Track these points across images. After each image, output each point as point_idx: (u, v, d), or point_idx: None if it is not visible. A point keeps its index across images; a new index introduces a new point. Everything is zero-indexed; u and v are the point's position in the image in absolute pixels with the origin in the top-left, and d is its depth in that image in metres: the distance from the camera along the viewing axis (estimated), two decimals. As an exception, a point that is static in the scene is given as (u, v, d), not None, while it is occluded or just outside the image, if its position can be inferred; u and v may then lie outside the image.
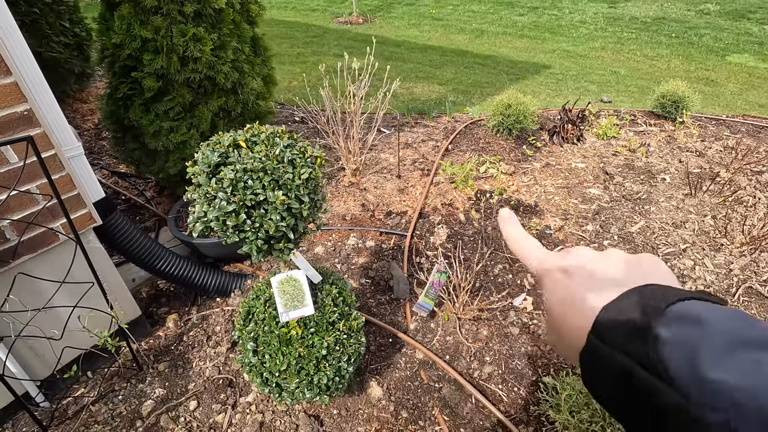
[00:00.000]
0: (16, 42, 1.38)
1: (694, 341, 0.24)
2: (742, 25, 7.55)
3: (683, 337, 0.25)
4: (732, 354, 0.23)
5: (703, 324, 0.25)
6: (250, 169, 1.03)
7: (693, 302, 0.27)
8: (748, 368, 0.22)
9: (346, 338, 1.47)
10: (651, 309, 0.27)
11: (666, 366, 0.25)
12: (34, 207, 1.51)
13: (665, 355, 0.25)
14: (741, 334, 0.24)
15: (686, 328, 0.25)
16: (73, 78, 3.97)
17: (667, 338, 0.25)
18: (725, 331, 0.24)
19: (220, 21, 2.28)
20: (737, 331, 0.24)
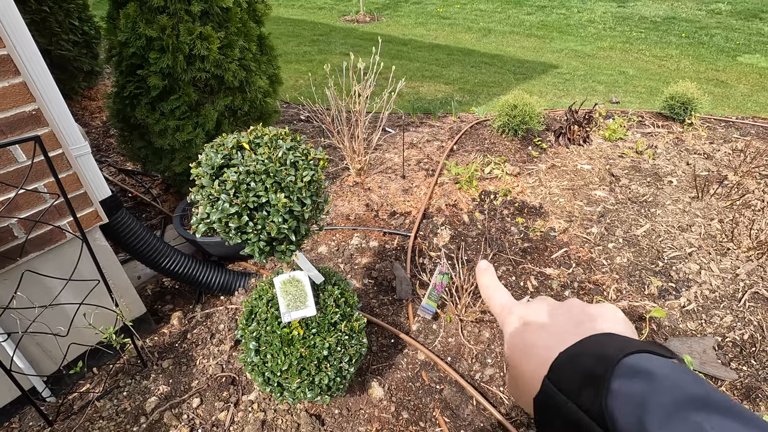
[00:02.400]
0: (25, 43, 1.40)
1: (643, 397, 0.25)
2: (754, 25, 7.45)
3: (633, 392, 0.25)
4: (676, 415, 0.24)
5: (652, 380, 0.25)
6: (252, 172, 1.04)
7: (645, 356, 0.28)
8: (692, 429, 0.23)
9: (347, 339, 1.47)
10: (605, 359, 0.28)
11: (614, 419, 0.25)
12: (42, 205, 1.53)
13: (615, 408, 0.25)
14: (687, 392, 0.25)
15: (636, 382, 0.26)
16: (82, 76, 4.00)
17: (618, 391, 0.26)
18: (672, 390, 0.25)
19: (227, 20, 2.29)
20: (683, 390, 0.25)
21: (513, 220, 2.74)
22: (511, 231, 2.66)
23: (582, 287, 2.28)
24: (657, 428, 0.23)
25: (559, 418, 0.29)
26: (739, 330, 2.04)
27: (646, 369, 0.26)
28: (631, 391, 0.25)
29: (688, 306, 2.16)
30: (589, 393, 0.27)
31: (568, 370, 0.30)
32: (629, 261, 2.44)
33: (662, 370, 0.26)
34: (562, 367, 0.30)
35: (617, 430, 0.25)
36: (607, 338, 0.31)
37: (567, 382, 0.29)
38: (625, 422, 0.25)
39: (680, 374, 0.26)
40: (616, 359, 0.27)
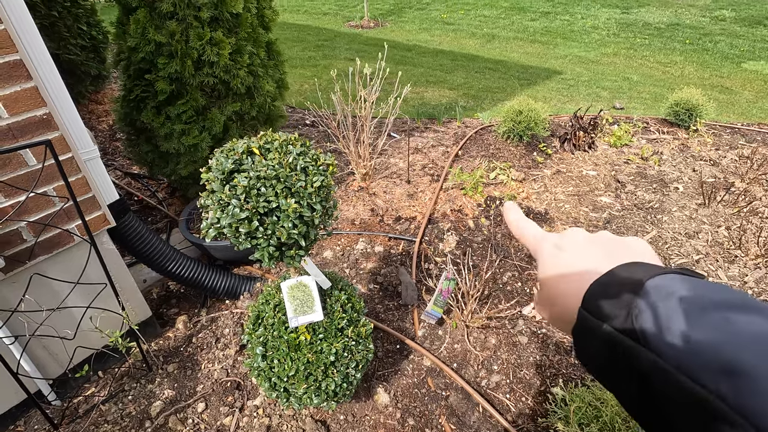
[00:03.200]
0: (37, 48, 1.41)
1: (669, 308, 0.27)
2: (758, 31, 7.45)
3: (659, 305, 0.28)
4: (701, 315, 0.26)
5: (678, 292, 0.28)
6: (263, 177, 1.04)
7: (671, 275, 0.30)
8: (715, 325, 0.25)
9: (354, 344, 1.47)
10: (634, 283, 0.30)
11: (644, 331, 0.27)
12: (51, 209, 1.54)
13: (643, 322, 0.28)
14: (711, 297, 0.26)
15: (663, 297, 0.28)
16: (89, 80, 4.04)
17: (645, 308, 0.28)
18: (697, 297, 0.27)
19: (236, 26, 2.30)
20: (708, 296, 0.27)
21: (518, 226, 2.73)
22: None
23: (588, 294, 2.27)
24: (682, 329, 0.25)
25: (594, 340, 0.31)
26: (748, 338, 2.02)
27: (672, 286, 0.28)
28: (657, 305, 0.28)
29: (695, 313, 2.15)
30: (622, 314, 0.29)
31: (600, 297, 0.32)
32: (636, 268, 2.42)
33: (689, 284, 0.28)
34: (595, 295, 0.32)
35: (646, 340, 0.27)
36: (636, 265, 0.33)
37: (600, 309, 0.31)
38: (652, 330, 0.27)
39: (706, 286, 0.28)
40: (643, 281, 0.29)
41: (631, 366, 0.28)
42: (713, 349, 0.24)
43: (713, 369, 0.23)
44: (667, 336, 0.26)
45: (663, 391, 0.26)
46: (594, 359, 0.32)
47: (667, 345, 0.26)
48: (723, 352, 0.23)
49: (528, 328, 2.08)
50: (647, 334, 0.27)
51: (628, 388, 0.29)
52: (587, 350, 0.32)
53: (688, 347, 0.25)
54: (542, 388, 1.83)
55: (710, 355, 0.24)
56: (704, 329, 0.25)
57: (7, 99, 1.34)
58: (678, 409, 0.25)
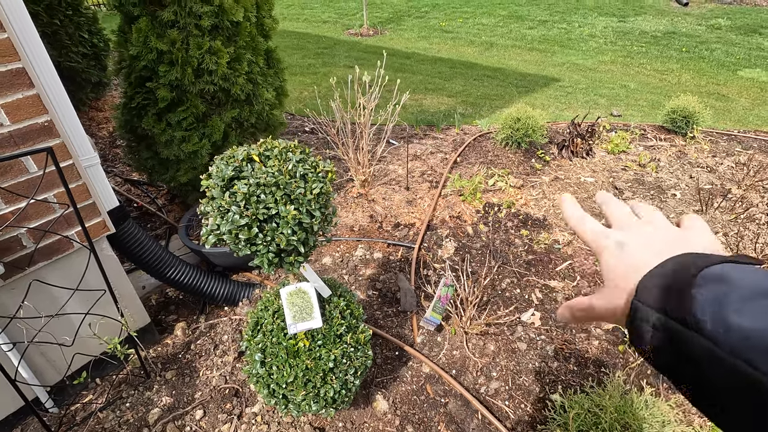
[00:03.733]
0: (39, 56, 1.43)
1: (721, 296, 0.28)
2: (753, 40, 7.53)
3: (713, 294, 0.28)
4: (753, 302, 0.26)
5: (730, 281, 0.28)
6: (263, 184, 1.05)
7: (725, 265, 0.30)
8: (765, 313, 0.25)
9: (353, 351, 1.47)
10: (686, 273, 0.31)
11: (697, 320, 0.28)
12: (51, 215, 1.54)
13: (697, 311, 0.28)
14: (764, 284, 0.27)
15: (715, 286, 0.29)
16: (90, 87, 4.06)
17: (699, 297, 0.29)
18: (749, 285, 0.27)
19: (236, 34, 2.33)
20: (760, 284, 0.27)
21: (517, 233, 2.74)
22: (516, 243, 2.66)
23: (587, 300, 2.27)
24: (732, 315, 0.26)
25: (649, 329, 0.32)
26: (746, 345, 2.02)
27: (724, 275, 0.29)
28: (710, 294, 0.28)
29: (694, 320, 2.15)
30: (674, 304, 0.30)
31: (653, 288, 0.33)
32: (634, 274, 2.43)
33: (741, 273, 0.29)
34: (647, 287, 0.33)
35: (700, 327, 0.28)
36: (690, 255, 0.34)
37: (654, 298, 0.32)
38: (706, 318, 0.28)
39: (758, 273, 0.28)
40: (695, 273, 0.30)
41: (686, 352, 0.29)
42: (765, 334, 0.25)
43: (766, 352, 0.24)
44: (720, 323, 0.27)
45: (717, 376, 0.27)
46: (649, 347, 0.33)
47: (720, 332, 0.26)
48: None
49: (527, 334, 2.08)
50: (700, 321, 0.28)
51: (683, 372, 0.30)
52: (642, 339, 0.33)
53: (740, 333, 0.26)
54: (541, 394, 1.83)
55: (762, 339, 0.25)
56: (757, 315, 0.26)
57: (9, 106, 1.35)
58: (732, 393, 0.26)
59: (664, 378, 1.87)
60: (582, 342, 2.05)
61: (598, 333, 2.09)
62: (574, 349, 2.02)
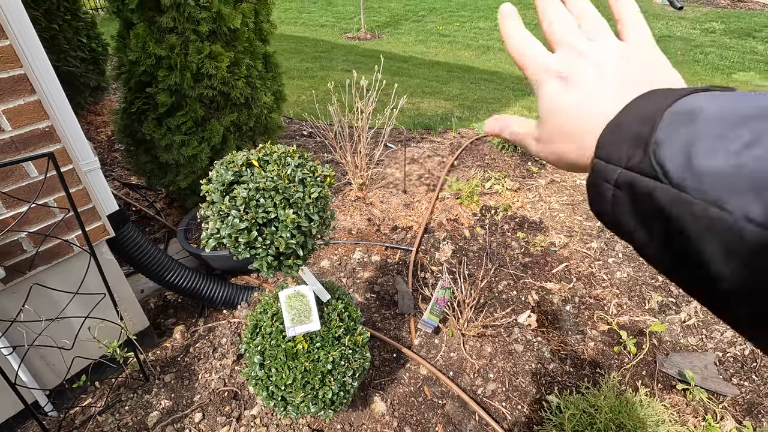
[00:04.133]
0: (41, 62, 1.44)
1: (691, 134, 0.23)
2: (747, 43, 7.60)
3: (680, 133, 0.24)
4: (729, 134, 0.22)
5: (700, 115, 0.24)
6: (262, 188, 1.07)
7: (694, 96, 0.25)
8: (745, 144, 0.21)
9: (351, 353, 1.48)
10: (651, 115, 0.26)
11: (663, 165, 0.24)
12: (51, 219, 1.56)
13: (662, 156, 0.24)
14: (740, 110, 0.22)
15: (684, 123, 0.24)
16: (89, 91, 4.08)
17: (664, 139, 0.24)
18: (722, 115, 0.23)
19: (234, 39, 2.35)
20: (737, 109, 0.23)
21: (514, 235, 2.77)
22: (512, 246, 2.68)
23: (583, 302, 2.29)
24: (703, 157, 0.22)
25: (610, 187, 0.28)
26: (740, 345, 2.05)
27: (693, 107, 0.24)
28: (678, 134, 0.24)
29: (688, 321, 2.18)
30: (638, 153, 0.25)
31: (614, 139, 0.28)
32: (629, 276, 2.46)
33: (713, 100, 0.24)
34: (608, 141, 0.29)
35: (668, 175, 0.23)
36: (655, 93, 0.28)
37: (615, 152, 0.28)
38: (673, 163, 0.23)
39: (734, 98, 0.24)
40: (660, 111, 0.26)
41: (650, 207, 0.25)
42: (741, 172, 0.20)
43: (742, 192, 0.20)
44: (689, 166, 0.22)
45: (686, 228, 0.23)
46: (609, 208, 0.29)
47: (689, 176, 0.22)
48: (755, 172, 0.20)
49: (523, 336, 2.10)
50: (667, 168, 0.24)
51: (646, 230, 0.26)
52: (602, 199, 0.29)
53: (713, 175, 0.21)
54: (538, 395, 1.85)
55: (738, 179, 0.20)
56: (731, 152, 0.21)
57: (11, 112, 1.37)
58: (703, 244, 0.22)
59: (658, 378, 1.90)
60: (578, 343, 2.07)
61: (593, 335, 2.11)
62: (570, 350, 2.04)
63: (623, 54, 0.34)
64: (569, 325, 2.16)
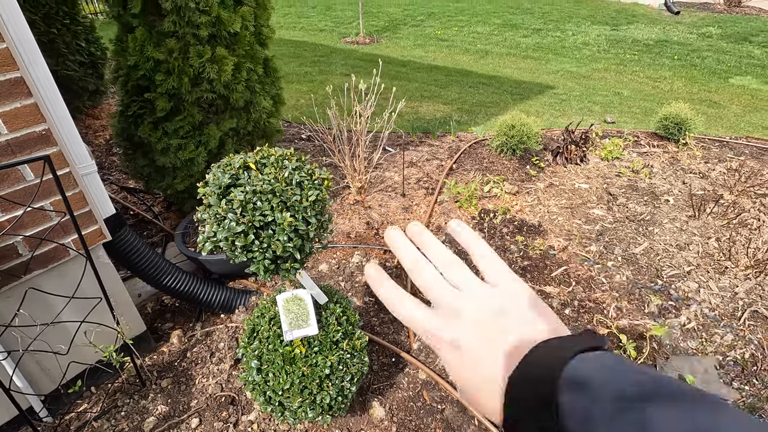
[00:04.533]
0: (38, 66, 1.44)
1: (586, 410, 0.27)
2: (744, 48, 7.64)
3: (577, 407, 0.27)
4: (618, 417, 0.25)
5: (590, 388, 0.27)
6: (259, 191, 1.06)
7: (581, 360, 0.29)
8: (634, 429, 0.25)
9: (349, 358, 1.47)
10: (548, 377, 0.29)
11: None
12: (47, 223, 1.55)
13: (567, 426, 0.27)
14: (624, 391, 0.26)
15: (578, 395, 0.27)
16: (87, 95, 4.07)
17: (565, 408, 0.27)
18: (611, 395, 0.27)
19: (234, 43, 2.35)
20: (620, 390, 0.27)
21: (513, 239, 2.76)
22: (511, 249, 2.67)
23: (582, 305, 2.28)
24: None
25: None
26: (740, 349, 2.04)
27: (583, 378, 0.28)
28: (575, 406, 0.27)
29: (688, 324, 2.17)
30: (545, 416, 0.28)
31: (521, 404, 0.31)
32: (628, 279, 2.45)
33: (598, 374, 0.28)
34: (513, 400, 0.31)
35: None
36: (542, 352, 0.32)
37: (524, 411, 0.30)
38: None
39: (616, 372, 0.28)
40: (557, 375, 0.28)
41: None
42: None
43: None
44: None
45: None
46: None
47: None
48: None
49: (523, 340, 2.09)
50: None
51: None
52: None
53: None
54: (537, 400, 1.84)
55: None
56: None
57: (7, 115, 1.36)
58: None
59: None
60: (577, 347, 2.06)
61: (593, 338, 2.10)
62: (569, 354, 2.02)
63: (498, 307, 0.37)
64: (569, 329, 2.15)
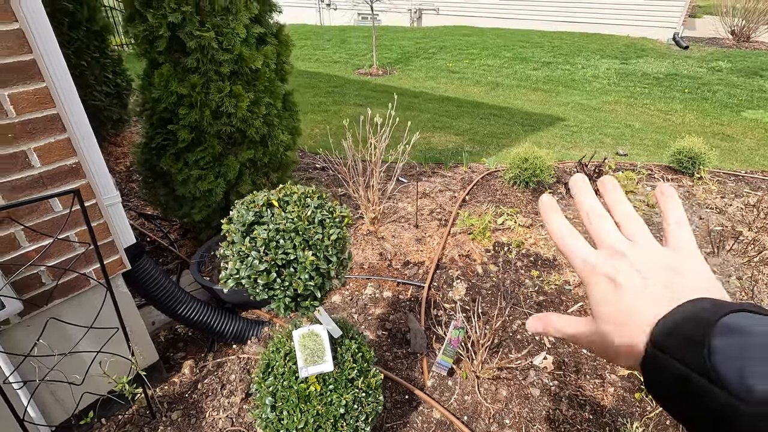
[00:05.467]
0: (73, 102, 1.51)
1: (741, 350, 0.27)
2: (755, 82, 7.68)
3: (732, 348, 0.27)
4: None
5: (750, 334, 0.28)
6: (282, 230, 1.08)
7: (742, 314, 0.29)
8: None
9: (364, 396, 1.45)
10: (704, 322, 0.30)
11: (719, 373, 0.27)
12: (71, 253, 1.58)
13: (717, 364, 0.27)
14: None
15: (735, 338, 0.28)
16: (111, 123, 4.22)
17: (718, 348, 0.28)
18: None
19: (255, 79, 2.44)
20: None
21: (527, 273, 2.73)
22: (526, 284, 2.64)
23: (600, 344, 2.23)
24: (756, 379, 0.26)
25: (667, 375, 0.31)
26: None
27: (743, 325, 0.28)
28: (730, 348, 0.28)
29: (711, 367, 2.09)
30: (693, 353, 0.29)
31: (670, 336, 0.32)
32: (647, 317, 2.39)
33: (758, 323, 0.28)
34: (663, 334, 0.32)
35: (725, 383, 0.27)
36: (703, 302, 0.32)
37: (671, 347, 0.31)
38: (728, 374, 0.27)
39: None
40: (714, 320, 0.29)
41: (707, 406, 0.28)
42: None
43: None
44: (747, 380, 0.26)
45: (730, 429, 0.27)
46: (665, 392, 0.32)
47: (748, 389, 0.26)
48: None
49: (539, 379, 2.03)
50: (723, 376, 0.27)
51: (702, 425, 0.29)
52: (659, 385, 0.33)
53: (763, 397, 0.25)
54: (556, 444, 1.77)
55: None
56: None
57: (41, 150, 1.41)
58: None
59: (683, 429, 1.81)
60: (596, 389, 2.00)
61: (612, 379, 2.04)
62: (588, 396, 1.96)
63: (673, 265, 0.37)
64: (587, 369, 2.09)
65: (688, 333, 0.30)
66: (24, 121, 1.35)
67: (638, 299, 0.36)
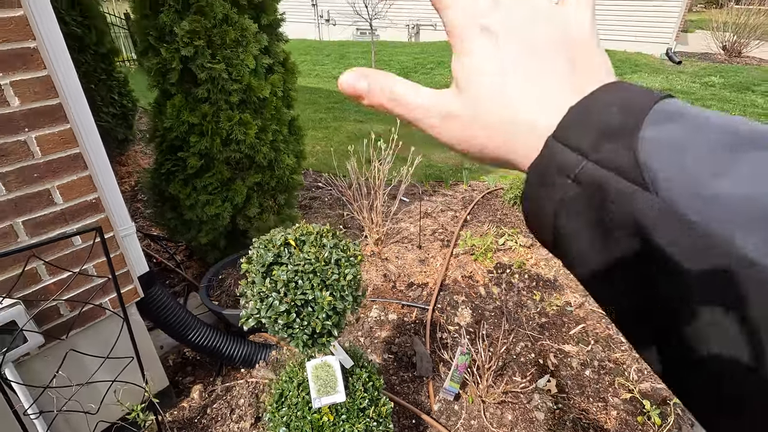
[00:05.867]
0: (93, 140, 1.57)
1: (683, 140, 0.20)
2: (747, 97, 7.84)
3: (670, 137, 0.20)
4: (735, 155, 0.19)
5: (693, 120, 0.20)
6: (301, 271, 1.13)
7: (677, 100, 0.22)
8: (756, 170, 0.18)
9: (375, 425, 1.48)
10: (633, 108, 0.22)
11: (651, 170, 0.20)
12: (88, 285, 1.62)
13: (651, 158, 0.20)
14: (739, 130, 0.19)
15: (673, 126, 0.21)
16: (116, 143, 4.28)
17: (653, 139, 0.20)
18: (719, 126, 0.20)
19: (262, 107, 2.51)
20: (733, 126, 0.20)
21: (529, 294, 2.78)
22: (528, 305, 2.69)
23: (602, 366, 2.27)
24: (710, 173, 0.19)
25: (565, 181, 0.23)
26: None
27: (682, 111, 0.21)
28: (668, 136, 0.20)
29: (711, 389, 2.14)
30: (613, 147, 0.21)
31: (580, 126, 0.23)
32: (647, 339, 2.44)
33: (701, 111, 0.21)
34: (572, 124, 0.23)
35: (656, 182, 0.20)
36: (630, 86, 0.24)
37: (580, 140, 0.22)
38: (666, 171, 0.20)
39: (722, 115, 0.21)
40: (648, 106, 0.22)
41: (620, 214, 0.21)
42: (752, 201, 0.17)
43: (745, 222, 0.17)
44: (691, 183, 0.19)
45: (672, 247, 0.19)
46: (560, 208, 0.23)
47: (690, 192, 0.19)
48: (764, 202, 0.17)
49: (544, 403, 2.07)
50: (657, 174, 0.20)
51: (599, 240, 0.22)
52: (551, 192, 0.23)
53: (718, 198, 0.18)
54: (561, 469, 1.81)
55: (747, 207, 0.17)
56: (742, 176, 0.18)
57: (64, 187, 1.47)
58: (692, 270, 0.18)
59: (685, 453, 1.85)
60: (600, 412, 2.04)
61: (615, 402, 2.08)
62: (592, 419, 2.00)
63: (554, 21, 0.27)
64: (590, 392, 2.14)
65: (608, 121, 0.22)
66: (49, 161, 1.41)
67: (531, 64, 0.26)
